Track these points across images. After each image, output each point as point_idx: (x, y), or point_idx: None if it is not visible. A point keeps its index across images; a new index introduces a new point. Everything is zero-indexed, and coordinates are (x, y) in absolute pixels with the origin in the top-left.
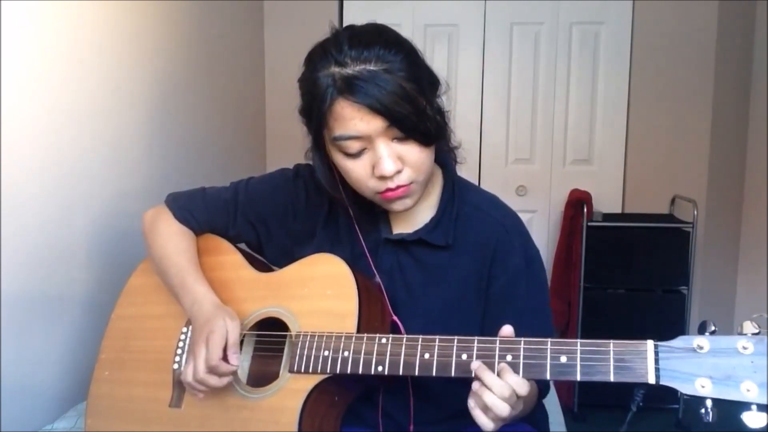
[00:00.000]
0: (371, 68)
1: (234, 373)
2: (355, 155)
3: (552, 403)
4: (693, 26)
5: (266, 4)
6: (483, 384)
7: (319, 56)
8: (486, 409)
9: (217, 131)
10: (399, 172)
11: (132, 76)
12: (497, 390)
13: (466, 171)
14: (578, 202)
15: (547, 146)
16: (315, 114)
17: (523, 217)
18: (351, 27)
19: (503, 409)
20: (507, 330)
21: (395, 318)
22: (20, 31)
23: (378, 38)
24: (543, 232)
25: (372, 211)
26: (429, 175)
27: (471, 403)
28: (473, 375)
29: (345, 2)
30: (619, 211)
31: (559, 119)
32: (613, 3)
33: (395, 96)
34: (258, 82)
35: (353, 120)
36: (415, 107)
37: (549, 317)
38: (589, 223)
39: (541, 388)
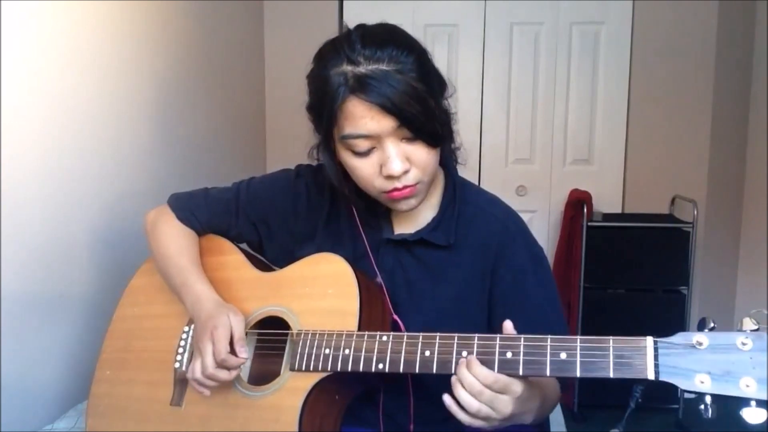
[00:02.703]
0: (384, 68)
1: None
2: (363, 154)
3: None
4: (693, 26)
5: (266, 5)
6: (457, 378)
7: (330, 54)
8: (459, 402)
9: (218, 131)
10: (406, 172)
11: (132, 77)
12: (466, 384)
13: (466, 171)
14: (578, 202)
15: (547, 146)
16: (326, 111)
17: (523, 217)
18: (363, 26)
19: (471, 404)
20: (508, 326)
21: (396, 317)
22: (20, 31)
23: (390, 38)
24: (543, 232)
25: (374, 211)
26: (434, 176)
27: (446, 397)
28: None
29: (345, 2)
30: (619, 211)
31: (559, 119)
32: (613, 3)
33: (406, 96)
34: (258, 82)
35: (364, 119)
36: (425, 108)
37: (561, 313)
38: (589, 223)
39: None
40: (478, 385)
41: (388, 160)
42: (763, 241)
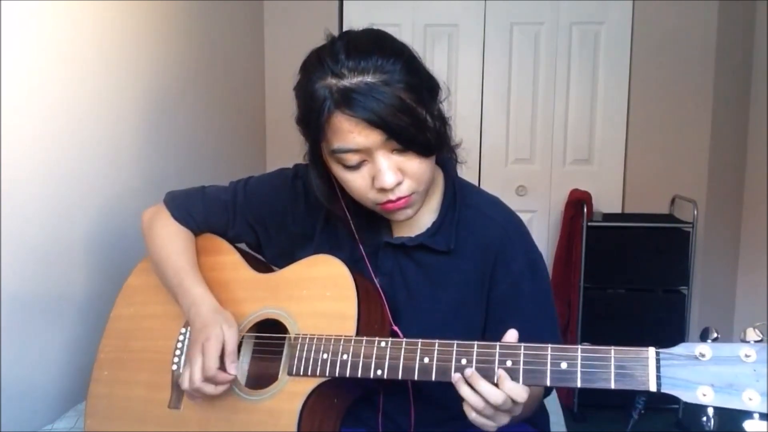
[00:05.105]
0: (369, 80)
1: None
2: (354, 167)
3: (552, 403)
4: (693, 26)
5: (266, 5)
6: (477, 392)
7: (314, 66)
8: (483, 415)
9: (217, 131)
10: (399, 183)
11: (132, 76)
12: (492, 399)
13: (466, 171)
14: (578, 202)
15: (547, 146)
16: (312, 126)
17: (523, 217)
18: (348, 34)
19: (500, 417)
20: (511, 335)
21: (395, 327)
22: (20, 31)
23: (376, 47)
24: (543, 232)
25: (373, 215)
26: (429, 184)
27: (467, 409)
28: (465, 382)
29: (345, 2)
30: (619, 211)
31: (559, 119)
32: (613, 3)
33: (393, 108)
34: (258, 82)
35: (351, 133)
36: (414, 119)
37: (555, 321)
38: (589, 223)
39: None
40: (483, 404)
41: (380, 173)
42: (763, 241)
